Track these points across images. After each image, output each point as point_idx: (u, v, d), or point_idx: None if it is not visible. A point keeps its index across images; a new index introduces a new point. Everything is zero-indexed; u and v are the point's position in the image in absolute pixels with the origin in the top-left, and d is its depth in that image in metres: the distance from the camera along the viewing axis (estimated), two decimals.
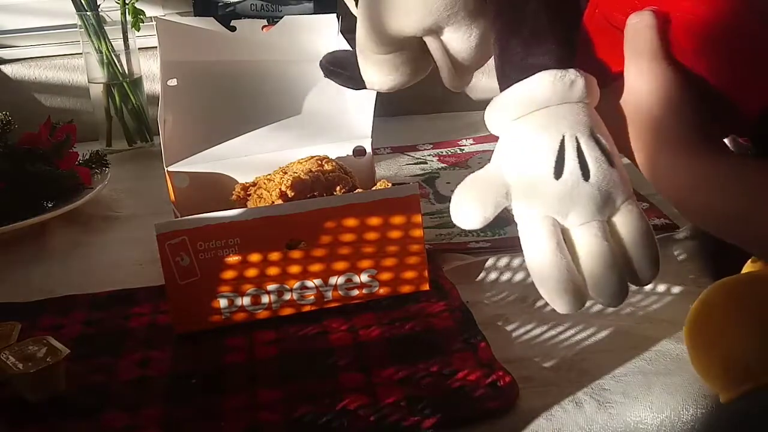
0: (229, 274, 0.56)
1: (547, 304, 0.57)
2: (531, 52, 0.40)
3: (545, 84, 0.39)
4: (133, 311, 0.60)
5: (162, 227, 0.54)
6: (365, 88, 0.52)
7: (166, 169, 0.68)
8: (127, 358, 0.54)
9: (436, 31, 0.45)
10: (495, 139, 0.44)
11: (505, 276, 0.63)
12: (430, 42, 0.46)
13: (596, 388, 0.48)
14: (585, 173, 0.39)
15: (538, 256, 0.39)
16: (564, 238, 0.40)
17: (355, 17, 0.49)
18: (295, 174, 0.64)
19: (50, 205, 0.78)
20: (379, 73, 0.49)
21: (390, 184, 0.65)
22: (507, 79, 0.40)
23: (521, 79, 0.40)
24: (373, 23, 0.46)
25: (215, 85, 0.76)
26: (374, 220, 0.57)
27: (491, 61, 0.44)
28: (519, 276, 0.62)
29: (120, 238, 0.77)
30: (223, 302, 0.56)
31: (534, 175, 0.39)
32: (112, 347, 0.55)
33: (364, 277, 0.58)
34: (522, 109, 0.40)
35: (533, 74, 0.39)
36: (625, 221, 0.40)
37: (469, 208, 0.40)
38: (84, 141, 0.94)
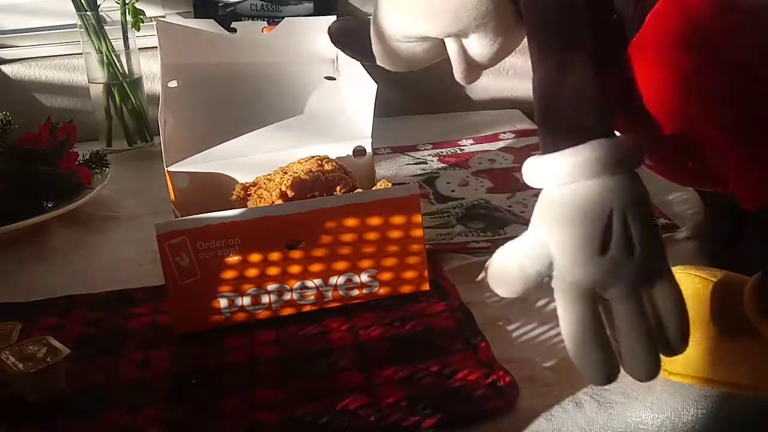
0: (229, 274, 0.56)
1: (547, 304, 0.58)
2: (579, 110, 0.39)
3: (598, 155, 0.38)
4: (133, 311, 0.60)
5: (162, 227, 0.54)
6: (375, 62, 0.51)
7: (166, 169, 0.68)
8: (127, 358, 0.54)
9: (460, 36, 0.44)
10: (495, 139, 0.44)
11: None
12: (450, 44, 0.45)
13: (596, 389, 0.48)
14: (629, 249, 0.38)
15: (576, 329, 0.39)
16: (602, 306, 0.40)
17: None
18: (295, 174, 0.64)
19: (50, 205, 0.78)
20: (397, 56, 0.49)
21: (390, 184, 0.65)
22: (554, 137, 0.39)
23: (571, 142, 0.38)
24: (396, 20, 0.45)
25: (215, 86, 0.76)
26: (374, 220, 0.57)
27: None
28: None
29: (120, 238, 0.77)
30: (223, 302, 0.56)
31: (579, 249, 0.39)
32: (112, 347, 0.55)
33: (364, 277, 0.58)
34: (572, 177, 0.39)
35: (583, 138, 0.38)
36: (662, 292, 0.40)
37: (510, 279, 0.40)
38: (84, 141, 0.94)
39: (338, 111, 0.75)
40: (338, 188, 0.64)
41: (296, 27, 0.78)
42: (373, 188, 0.65)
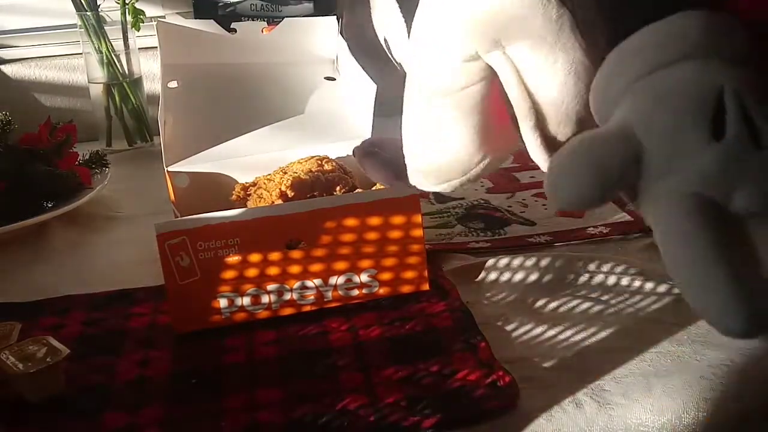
0: (229, 274, 0.56)
1: (546, 303, 0.58)
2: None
3: (695, 25, 0.28)
4: (133, 311, 0.60)
5: (162, 227, 0.54)
6: (405, 177, 0.41)
7: (166, 169, 0.68)
8: (127, 358, 0.54)
9: (501, 43, 0.33)
10: None
11: (505, 276, 0.63)
12: (499, 64, 0.33)
13: (596, 389, 0.48)
14: (756, 139, 0.28)
15: (687, 252, 0.27)
16: (729, 231, 0.28)
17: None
18: (295, 174, 0.64)
19: (50, 205, 0.78)
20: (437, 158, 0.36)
21: None
22: (616, 20, 0.29)
23: (650, 20, 0.28)
24: (432, 50, 0.35)
25: (215, 86, 0.76)
26: (374, 220, 0.57)
27: None
28: (519, 276, 0.62)
29: (120, 238, 0.77)
30: (223, 302, 0.56)
31: (682, 129, 0.28)
32: (112, 347, 0.55)
33: (364, 277, 0.58)
34: (660, 56, 0.29)
35: (668, 6, 0.28)
36: None
37: (583, 176, 0.29)
38: (84, 141, 0.94)
39: (338, 111, 0.75)
40: (338, 188, 0.64)
41: (296, 27, 0.78)
42: (373, 188, 0.65)
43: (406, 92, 0.38)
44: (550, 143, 0.35)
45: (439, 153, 0.38)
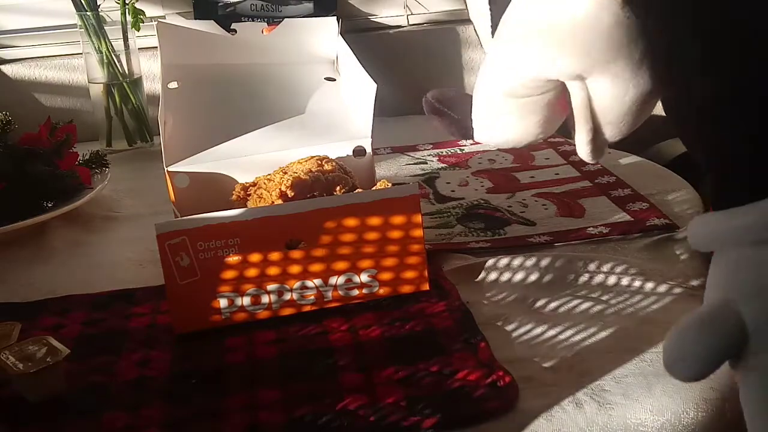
0: (229, 274, 0.56)
1: (546, 303, 0.58)
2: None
3: None
4: (133, 311, 0.60)
5: (162, 227, 0.54)
6: (471, 137, 0.46)
7: (166, 169, 0.68)
8: (127, 358, 0.54)
9: (583, 76, 0.37)
10: None
11: (505, 276, 0.63)
12: (574, 89, 0.38)
13: (596, 389, 0.48)
14: None
15: None
16: None
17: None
18: (295, 174, 0.64)
19: (50, 205, 0.78)
20: (507, 119, 0.41)
21: (390, 184, 0.65)
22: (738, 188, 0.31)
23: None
24: (515, 61, 0.39)
25: (216, 87, 0.76)
26: (374, 220, 0.57)
27: None
28: (519, 276, 0.62)
29: (120, 238, 0.77)
30: (223, 302, 0.56)
31: None
32: (112, 347, 0.55)
33: (364, 277, 0.58)
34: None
35: None
36: None
37: (697, 361, 0.32)
38: (84, 141, 0.94)
39: (338, 111, 0.75)
40: (338, 188, 0.64)
41: (296, 27, 0.78)
42: (373, 188, 0.65)
43: (486, 79, 0.42)
44: (598, 146, 0.41)
45: (505, 132, 0.44)
